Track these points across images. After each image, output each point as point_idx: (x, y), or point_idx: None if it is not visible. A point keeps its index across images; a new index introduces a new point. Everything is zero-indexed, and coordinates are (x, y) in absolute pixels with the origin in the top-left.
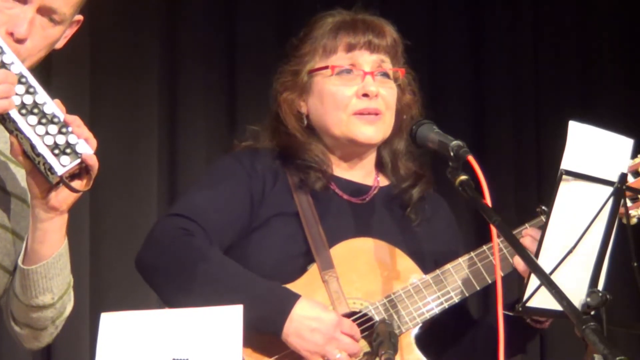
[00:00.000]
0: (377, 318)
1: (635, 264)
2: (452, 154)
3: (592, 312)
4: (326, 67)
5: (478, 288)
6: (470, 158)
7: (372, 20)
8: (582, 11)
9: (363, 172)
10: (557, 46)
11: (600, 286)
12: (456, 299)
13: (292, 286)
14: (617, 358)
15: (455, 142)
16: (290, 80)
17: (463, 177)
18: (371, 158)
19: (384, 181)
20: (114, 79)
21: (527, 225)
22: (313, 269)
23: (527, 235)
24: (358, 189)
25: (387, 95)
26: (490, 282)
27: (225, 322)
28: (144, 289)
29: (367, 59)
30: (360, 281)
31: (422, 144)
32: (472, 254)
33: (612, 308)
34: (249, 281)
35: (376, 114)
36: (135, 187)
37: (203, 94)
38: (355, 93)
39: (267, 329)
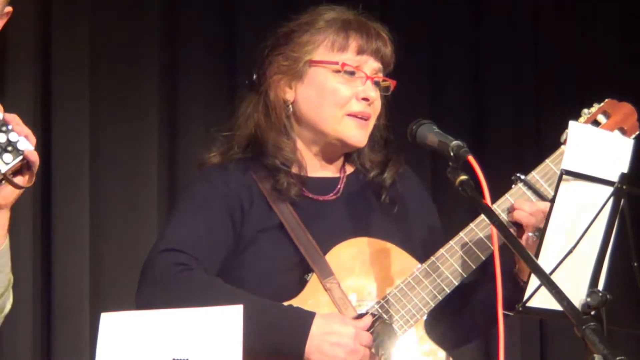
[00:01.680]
0: (385, 316)
1: (635, 264)
2: (452, 154)
3: (592, 312)
4: (335, 63)
5: (474, 267)
6: (470, 158)
7: (380, 28)
8: (582, 10)
9: (332, 168)
10: (557, 46)
11: (600, 286)
12: (456, 282)
13: (297, 300)
14: (617, 358)
15: (455, 142)
16: (286, 65)
17: (463, 177)
18: (342, 155)
19: (349, 168)
20: (114, 80)
21: (507, 196)
22: (313, 279)
23: (519, 209)
24: (327, 184)
25: (377, 103)
26: (484, 258)
27: (225, 322)
28: None
29: (370, 65)
30: (361, 282)
31: (422, 144)
32: (461, 234)
33: (612, 308)
34: (262, 308)
35: (367, 119)
36: (135, 187)
37: (203, 94)
38: (355, 95)
39: (288, 351)
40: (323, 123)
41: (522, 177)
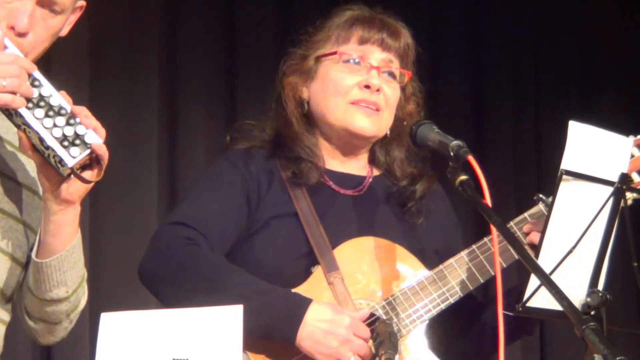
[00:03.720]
0: (384, 317)
1: (635, 264)
2: (452, 154)
3: (592, 312)
4: (334, 53)
5: (482, 281)
6: (470, 158)
7: (389, 20)
8: (582, 10)
9: (357, 166)
10: (557, 45)
11: (600, 286)
12: (461, 293)
13: (298, 290)
14: (617, 358)
15: (455, 142)
16: (297, 64)
17: (463, 177)
18: (365, 154)
19: (376, 172)
20: (114, 79)
21: (526, 215)
22: (318, 271)
23: (531, 230)
24: (352, 180)
25: (389, 93)
26: (493, 274)
27: (225, 322)
28: (144, 289)
29: (377, 56)
30: (365, 281)
31: (422, 144)
32: (474, 246)
33: (612, 308)
34: (260, 289)
35: (376, 109)
36: (135, 186)
37: (203, 93)
38: (358, 83)
39: (280, 335)
40: (329, 114)
41: (544, 197)
